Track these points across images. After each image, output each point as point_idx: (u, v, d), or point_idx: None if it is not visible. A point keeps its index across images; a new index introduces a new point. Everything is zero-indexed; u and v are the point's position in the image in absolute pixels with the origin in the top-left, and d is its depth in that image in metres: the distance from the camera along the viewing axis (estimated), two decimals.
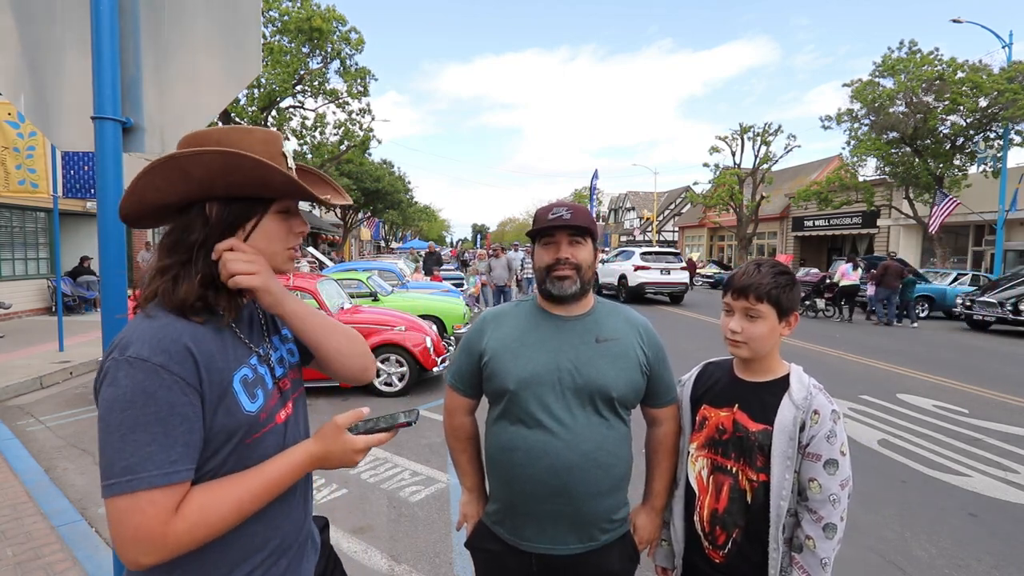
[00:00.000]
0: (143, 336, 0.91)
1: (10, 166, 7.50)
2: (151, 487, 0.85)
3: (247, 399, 1.00)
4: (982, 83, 17.28)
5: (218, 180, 0.96)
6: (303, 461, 1.00)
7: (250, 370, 1.03)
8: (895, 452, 4.85)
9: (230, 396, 0.97)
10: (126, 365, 0.88)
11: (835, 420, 1.34)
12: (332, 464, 1.02)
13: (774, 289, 1.37)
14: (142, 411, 0.87)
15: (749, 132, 28.12)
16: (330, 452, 1.01)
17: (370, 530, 3.40)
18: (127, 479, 0.85)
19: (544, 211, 1.53)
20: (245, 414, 0.98)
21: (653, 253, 17.52)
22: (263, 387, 1.04)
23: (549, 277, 1.50)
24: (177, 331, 0.93)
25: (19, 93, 1.65)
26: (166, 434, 0.88)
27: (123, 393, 0.87)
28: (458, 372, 1.62)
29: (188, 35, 1.69)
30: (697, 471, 1.47)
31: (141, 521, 0.85)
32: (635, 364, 1.51)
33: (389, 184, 31.30)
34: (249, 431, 0.99)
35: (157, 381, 0.88)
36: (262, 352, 1.08)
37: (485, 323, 1.59)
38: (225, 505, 0.92)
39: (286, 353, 1.17)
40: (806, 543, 1.31)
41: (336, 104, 17.60)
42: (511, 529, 1.50)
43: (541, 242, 1.53)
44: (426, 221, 67.35)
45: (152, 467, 0.86)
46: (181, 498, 0.89)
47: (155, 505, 0.86)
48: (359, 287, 9.34)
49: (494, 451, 1.52)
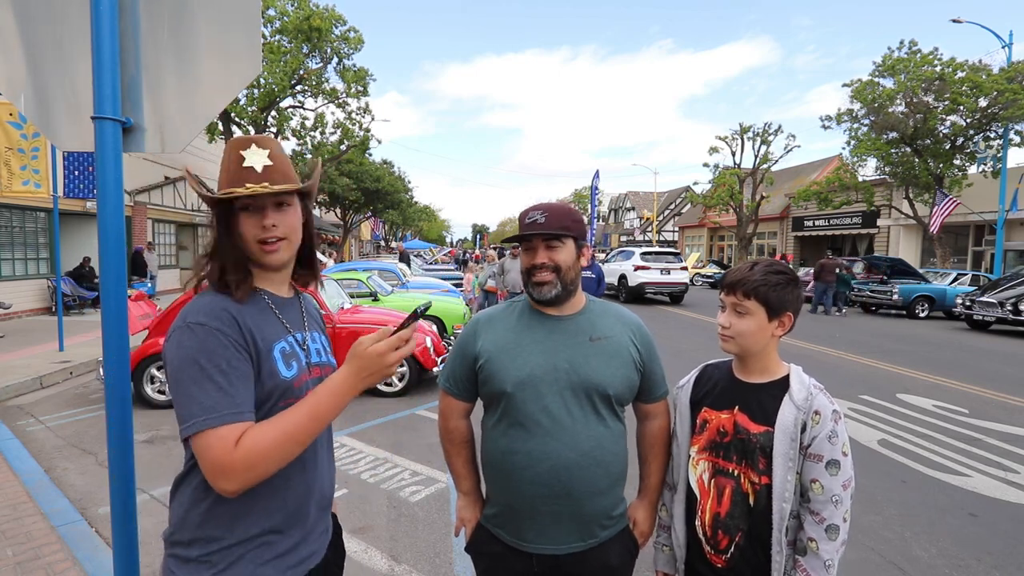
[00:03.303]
0: (199, 308, 1.09)
1: (15, 167, 7.52)
2: (221, 424, 1.01)
3: (284, 367, 1.15)
4: (982, 83, 17.27)
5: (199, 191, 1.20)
6: (341, 382, 1.09)
7: (287, 344, 1.19)
8: (895, 452, 4.85)
9: (270, 361, 1.13)
10: (188, 330, 1.06)
11: (836, 420, 1.34)
12: (370, 378, 1.10)
13: (762, 286, 1.37)
14: (207, 365, 1.03)
15: (749, 132, 28.09)
16: (362, 365, 1.08)
17: (370, 530, 3.40)
18: (203, 418, 1.01)
19: (523, 215, 1.53)
20: (282, 378, 1.13)
21: (653, 253, 17.53)
22: (298, 361, 1.19)
23: (530, 282, 1.51)
24: (224, 304, 1.11)
25: (19, 93, 1.65)
26: (229, 383, 1.04)
27: (189, 352, 1.04)
28: (452, 376, 1.61)
29: (188, 35, 1.69)
30: (699, 474, 1.46)
31: (215, 454, 1.00)
32: (629, 361, 1.52)
33: (389, 184, 31.24)
34: (284, 394, 1.13)
35: (215, 341, 1.05)
36: (299, 337, 1.24)
37: (478, 325, 1.58)
38: (272, 432, 1.03)
39: (324, 348, 1.32)
40: (809, 545, 1.31)
41: (336, 104, 17.59)
42: (512, 531, 1.50)
43: (523, 246, 1.54)
44: (426, 221, 67.30)
45: (222, 408, 1.02)
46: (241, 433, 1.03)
47: (223, 440, 1.00)
48: (359, 287, 9.34)
49: (493, 455, 1.51)
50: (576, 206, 63.46)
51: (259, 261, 1.19)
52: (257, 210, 1.15)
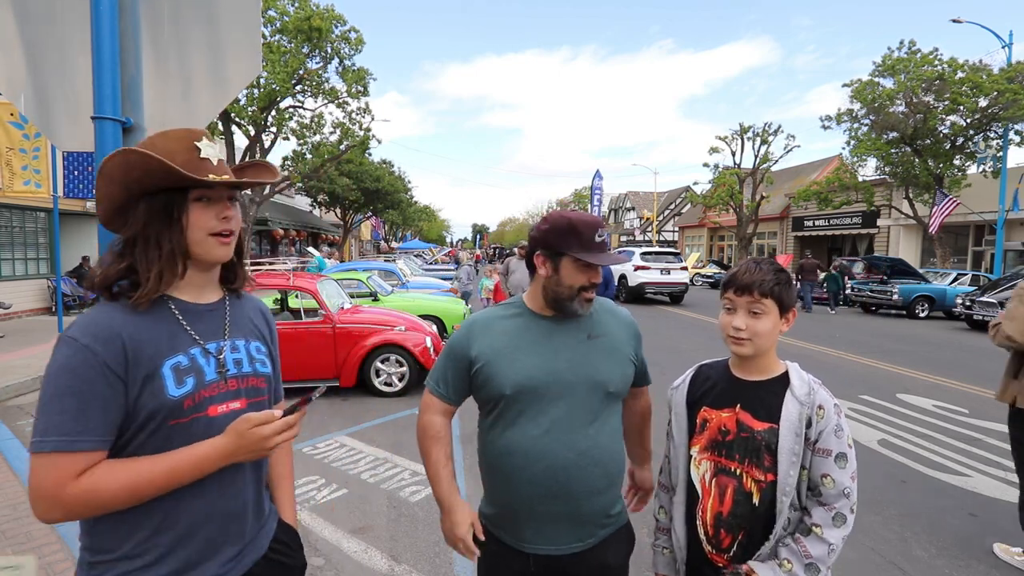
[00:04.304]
0: (84, 320, 1.04)
1: (16, 167, 7.53)
2: (55, 451, 0.96)
3: (173, 384, 1.07)
4: (982, 83, 17.27)
5: (127, 178, 1.07)
6: (207, 453, 1.05)
7: (186, 359, 1.11)
8: (895, 452, 4.85)
9: (157, 379, 1.05)
10: (62, 343, 1.01)
11: (839, 414, 1.36)
12: (244, 455, 1.08)
13: (776, 285, 1.38)
14: (65, 383, 0.98)
15: (749, 132, 28.08)
16: (242, 445, 1.06)
17: (370, 530, 3.40)
18: (38, 440, 0.96)
19: (588, 228, 1.45)
20: (168, 397, 1.06)
21: (653, 253, 17.53)
22: (198, 376, 1.11)
23: (580, 297, 1.47)
24: (111, 317, 1.05)
25: (19, 93, 1.65)
26: (79, 407, 0.98)
27: (54, 367, 1.00)
28: (442, 378, 1.55)
29: (188, 35, 1.69)
30: (701, 474, 1.46)
31: (42, 481, 0.96)
32: (625, 356, 1.55)
33: (389, 184, 31.21)
34: (171, 415, 1.06)
35: (79, 359, 0.99)
36: (212, 347, 1.16)
37: (473, 328, 1.54)
38: (118, 482, 0.99)
39: (249, 359, 1.23)
40: (814, 529, 1.32)
41: (336, 104, 17.58)
42: (510, 531, 1.50)
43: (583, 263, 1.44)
44: (426, 221, 67.28)
45: (59, 434, 0.96)
46: (87, 466, 0.98)
47: (56, 468, 0.96)
48: (359, 287, 9.35)
49: (492, 456, 1.51)
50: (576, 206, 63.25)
51: (207, 255, 1.14)
52: (214, 201, 1.13)
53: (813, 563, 1.30)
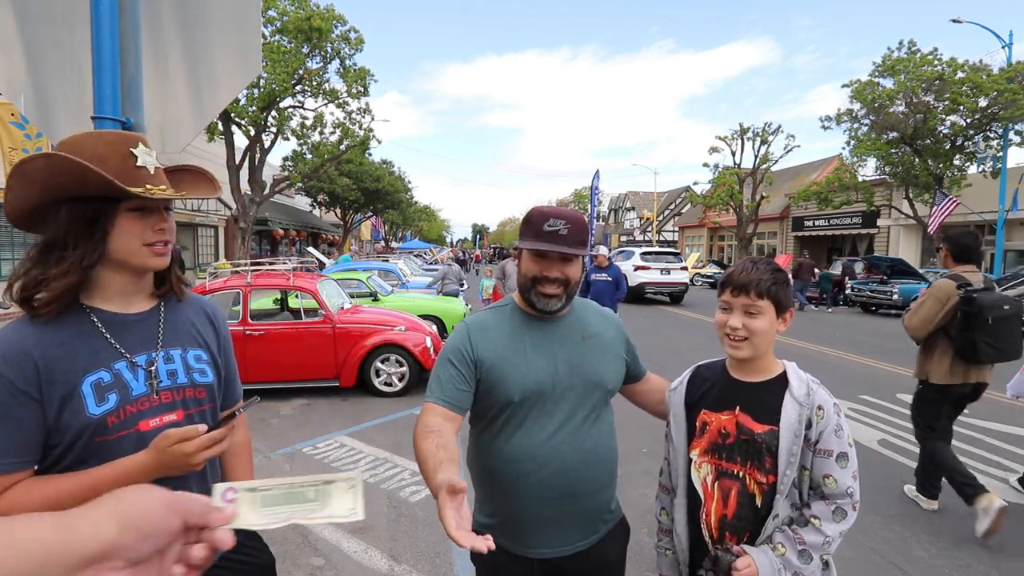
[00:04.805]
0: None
1: None
2: None
3: (94, 402, 1.04)
4: (982, 83, 17.26)
5: (51, 182, 1.00)
6: (128, 469, 1.03)
7: (109, 374, 1.07)
8: (895, 452, 4.85)
9: (76, 398, 1.02)
10: None
11: (838, 413, 1.36)
12: (169, 471, 1.04)
13: (773, 285, 1.37)
14: None
15: (749, 132, 28.08)
16: (163, 461, 1.03)
17: (370, 530, 3.40)
18: None
19: (540, 218, 1.42)
20: (88, 416, 1.02)
21: (653, 253, 17.55)
22: (122, 392, 1.07)
23: (535, 290, 1.44)
24: (23, 336, 1.02)
25: (19, 93, 1.65)
26: None
27: None
28: (443, 384, 1.43)
29: (188, 35, 1.69)
30: (702, 477, 1.45)
31: None
32: (618, 354, 1.58)
33: (389, 184, 31.21)
34: (96, 432, 1.03)
35: None
36: (140, 360, 1.12)
37: (470, 331, 1.49)
38: (36, 501, 0.97)
39: (185, 369, 1.18)
40: (812, 521, 1.32)
41: (336, 104, 17.58)
42: (513, 539, 1.48)
43: (533, 252, 1.44)
44: (426, 221, 67.28)
45: None
46: (3, 489, 0.97)
47: None
48: (359, 287, 9.35)
49: (498, 464, 1.46)
50: (576, 206, 63.12)
51: (142, 266, 1.11)
52: (150, 212, 1.10)
53: (806, 549, 1.30)
